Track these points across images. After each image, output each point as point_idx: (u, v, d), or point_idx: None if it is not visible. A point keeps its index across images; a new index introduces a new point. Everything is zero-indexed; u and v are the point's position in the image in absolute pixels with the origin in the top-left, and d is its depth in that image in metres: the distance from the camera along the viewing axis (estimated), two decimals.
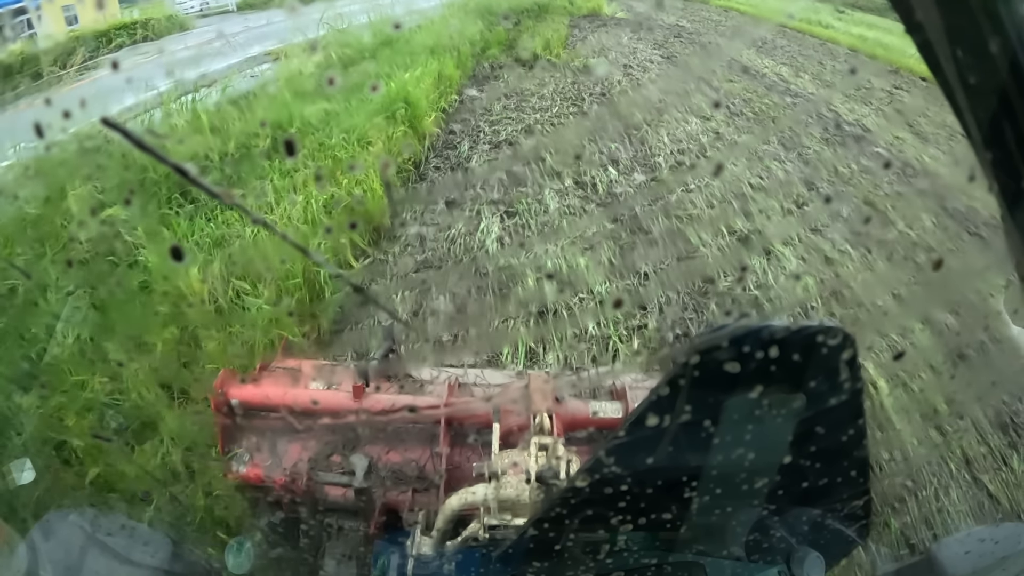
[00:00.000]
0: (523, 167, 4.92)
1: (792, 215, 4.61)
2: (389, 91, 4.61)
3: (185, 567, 1.04)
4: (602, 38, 10.74)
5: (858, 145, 6.91)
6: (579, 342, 2.88)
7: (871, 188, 5.61)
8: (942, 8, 0.40)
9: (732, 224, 4.28)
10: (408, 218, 4.01)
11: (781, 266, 3.88)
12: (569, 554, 0.91)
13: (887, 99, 8.87)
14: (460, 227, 3.89)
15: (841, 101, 8.71)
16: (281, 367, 1.62)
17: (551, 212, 4.14)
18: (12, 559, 0.89)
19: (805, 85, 9.55)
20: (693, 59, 9.74)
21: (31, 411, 2.10)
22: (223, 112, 4.12)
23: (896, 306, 3.64)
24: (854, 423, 0.75)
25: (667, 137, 5.85)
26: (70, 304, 2.49)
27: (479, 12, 8.55)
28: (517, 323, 2.98)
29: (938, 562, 0.99)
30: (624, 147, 5.58)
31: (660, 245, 3.85)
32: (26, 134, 2.95)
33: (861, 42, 13.13)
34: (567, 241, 3.76)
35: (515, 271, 3.39)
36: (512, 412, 1.31)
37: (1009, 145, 0.41)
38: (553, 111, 6.51)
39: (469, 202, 4.24)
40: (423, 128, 4.93)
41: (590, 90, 7.46)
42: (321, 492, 1.44)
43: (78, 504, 1.80)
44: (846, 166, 6.11)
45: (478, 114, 6.25)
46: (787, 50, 12.08)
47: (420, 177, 4.68)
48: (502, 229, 3.88)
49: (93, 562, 0.96)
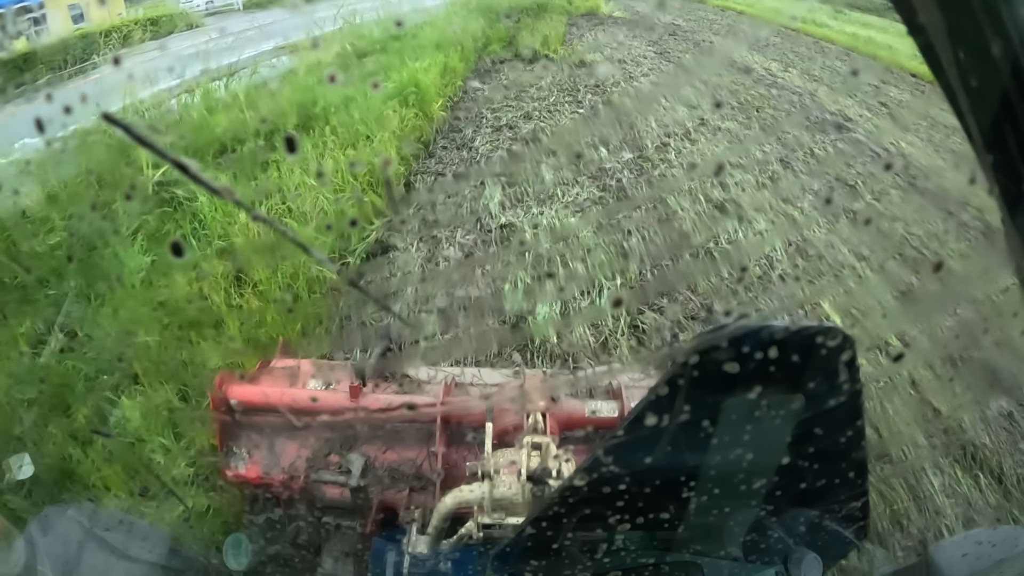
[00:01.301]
0: (522, 147, 5.52)
1: (765, 188, 5.20)
2: (401, 78, 5.23)
3: (183, 563, 1.06)
4: (598, 35, 11.38)
5: (837, 131, 7.47)
6: (569, 281, 3.46)
7: (843, 167, 6.19)
8: (944, 10, 0.40)
9: (709, 194, 4.86)
10: (420, 187, 4.61)
11: (752, 228, 4.47)
12: (567, 553, 0.92)
13: (872, 93, 9.41)
14: (467, 193, 4.49)
15: (826, 93, 9.26)
16: (279, 366, 1.67)
17: (547, 182, 4.74)
18: (10, 553, 0.90)
19: (792, 79, 10.09)
20: (685, 55, 10.34)
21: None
22: (254, 94, 4.74)
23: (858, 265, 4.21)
24: (852, 424, 0.76)
25: (655, 123, 6.46)
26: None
27: (481, 10, 9.20)
28: (516, 266, 3.57)
29: (935, 565, 1.00)
30: (615, 131, 6.18)
31: (643, 209, 4.44)
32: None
33: (854, 40, 13.57)
34: (560, 205, 4.35)
35: (515, 226, 3.98)
36: (507, 411, 1.36)
37: (1010, 148, 0.41)
38: (550, 100, 7.13)
39: (474, 174, 4.84)
40: (431, 112, 5.56)
41: (585, 82, 8.08)
42: (318, 491, 1.47)
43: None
44: (822, 149, 6.69)
45: (480, 103, 6.87)
46: (779, 47, 12.55)
47: (429, 155, 5.29)
48: (503, 195, 4.48)
49: (91, 557, 0.97)
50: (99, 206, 3.21)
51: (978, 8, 0.38)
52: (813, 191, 5.40)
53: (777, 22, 15.38)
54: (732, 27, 15.20)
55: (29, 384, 2.50)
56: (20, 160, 3.40)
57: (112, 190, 3.26)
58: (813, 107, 8.48)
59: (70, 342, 2.68)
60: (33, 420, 2.35)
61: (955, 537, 1.22)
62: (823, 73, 10.66)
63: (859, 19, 15.11)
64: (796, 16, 15.21)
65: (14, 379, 2.51)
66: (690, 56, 10.49)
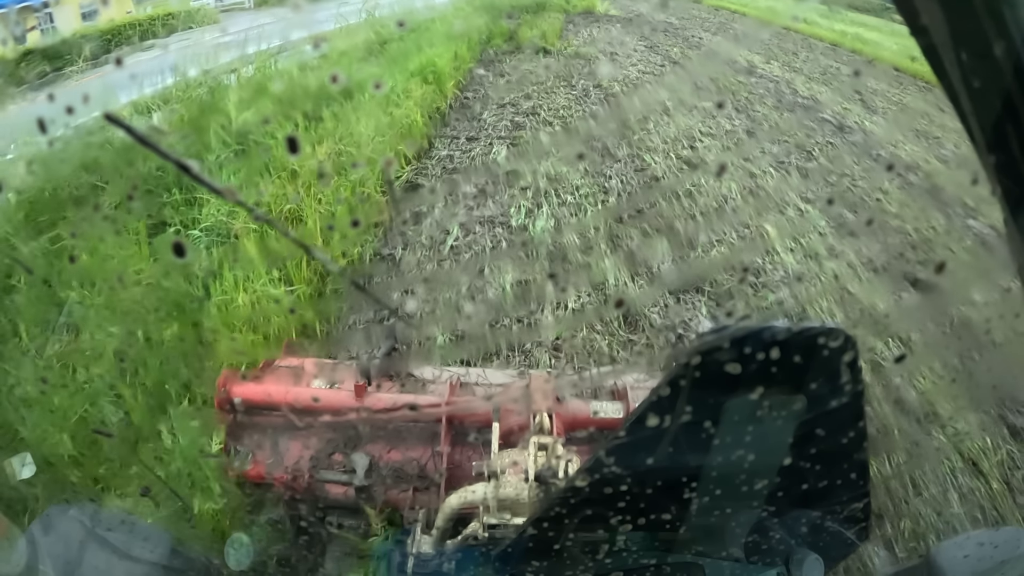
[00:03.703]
0: (523, 118, 6.73)
1: (729, 150, 6.37)
2: (421, 61, 6.47)
3: (185, 563, 1.10)
4: (593, 32, 12.67)
5: (805, 112, 8.65)
6: (560, 206, 4.62)
7: (804, 137, 7.37)
8: (947, 11, 0.42)
9: (680, 154, 6.04)
10: (439, 145, 5.80)
11: (712, 177, 5.63)
12: (568, 554, 0.95)
13: (849, 82, 10.56)
14: (478, 151, 5.68)
15: (802, 82, 10.43)
16: (283, 365, 1.73)
17: (543, 143, 5.93)
18: (12, 553, 0.94)
19: (772, 69, 11.27)
20: (672, 49, 11.57)
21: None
22: (297, 72, 5.96)
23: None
24: (854, 425, 0.80)
25: (638, 101, 7.67)
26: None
27: (485, 8, 10.50)
28: (519, 197, 4.73)
29: (937, 566, 1.03)
30: (603, 107, 7.39)
31: (622, 163, 5.62)
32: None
33: (842, 37, 14.65)
34: (555, 159, 5.53)
35: (518, 172, 5.16)
36: (512, 411, 1.40)
37: (1013, 149, 0.42)
38: (547, 85, 8.36)
39: (483, 138, 6.03)
40: (446, 90, 6.79)
41: (579, 71, 9.31)
42: (322, 490, 1.52)
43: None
44: (788, 124, 7.88)
45: (486, 86, 8.11)
46: (766, 43, 13.65)
47: (444, 124, 6.50)
48: (508, 151, 5.66)
49: (93, 557, 1.01)
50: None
51: (980, 9, 0.40)
52: (772, 154, 6.57)
53: (768, 21, 16.54)
54: (723, 25, 16.33)
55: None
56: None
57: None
58: (787, 92, 9.65)
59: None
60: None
61: (956, 538, 1.21)
62: (803, 65, 11.77)
63: (852, 18, 15.87)
64: (797, 16, 16.07)
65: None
66: (677, 50, 11.72)
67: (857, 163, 6.75)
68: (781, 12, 17.13)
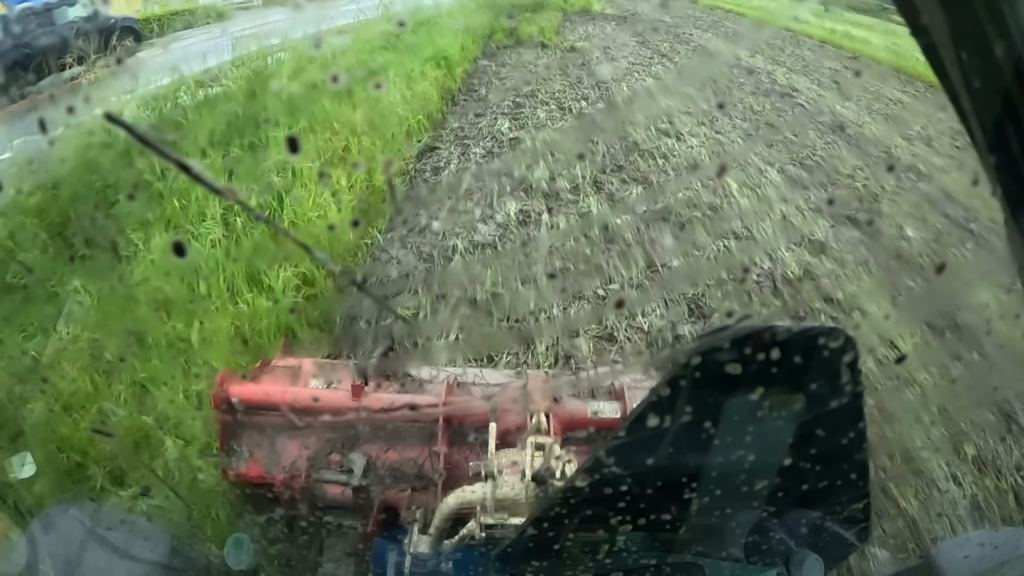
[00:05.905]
0: (523, 99, 7.95)
1: (703, 125, 7.57)
2: (434, 48, 7.72)
3: (184, 562, 1.14)
4: (589, 28, 13.97)
5: (781, 98, 9.83)
6: (555, 162, 5.81)
7: (775, 117, 8.56)
8: (947, 12, 0.43)
9: (658, 126, 7.24)
10: (451, 119, 7.02)
11: (686, 144, 6.82)
12: (568, 554, 0.99)
13: (830, 74, 11.75)
14: (484, 123, 6.89)
15: (783, 73, 11.62)
16: (281, 365, 1.78)
17: (540, 118, 7.13)
18: (12, 552, 0.98)
19: (756, 62, 12.47)
20: (663, 44, 12.83)
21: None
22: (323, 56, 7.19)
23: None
24: (854, 426, 0.82)
25: (626, 87, 8.90)
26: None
27: (487, 6, 11.83)
28: (521, 157, 5.92)
29: (937, 566, 1.07)
30: (594, 92, 8.62)
31: (607, 132, 6.81)
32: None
33: (831, 35, 15.80)
34: (550, 130, 6.73)
35: (519, 139, 6.35)
36: (510, 411, 1.46)
37: (1013, 149, 0.44)
38: (545, 73, 9.60)
39: (488, 114, 7.25)
40: (455, 75, 8.05)
41: (573, 62, 10.56)
42: (320, 490, 1.57)
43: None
44: (761, 106, 9.07)
45: (490, 73, 9.36)
46: (753, 39, 14.78)
47: (455, 103, 7.72)
48: (510, 124, 6.87)
49: (92, 556, 1.04)
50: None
51: (981, 10, 0.41)
52: (742, 129, 7.77)
53: (759, 19, 17.76)
54: (715, 23, 17.53)
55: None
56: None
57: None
58: (766, 81, 10.84)
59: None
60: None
61: (957, 539, 1.22)
62: (787, 59, 12.94)
63: (846, 17, 16.53)
64: (794, 17, 17.15)
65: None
66: (667, 45, 12.97)
67: (821, 138, 7.94)
68: (774, 12, 18.34)
